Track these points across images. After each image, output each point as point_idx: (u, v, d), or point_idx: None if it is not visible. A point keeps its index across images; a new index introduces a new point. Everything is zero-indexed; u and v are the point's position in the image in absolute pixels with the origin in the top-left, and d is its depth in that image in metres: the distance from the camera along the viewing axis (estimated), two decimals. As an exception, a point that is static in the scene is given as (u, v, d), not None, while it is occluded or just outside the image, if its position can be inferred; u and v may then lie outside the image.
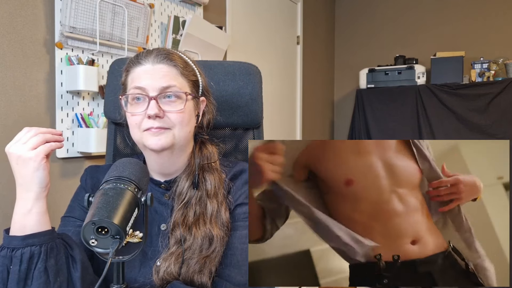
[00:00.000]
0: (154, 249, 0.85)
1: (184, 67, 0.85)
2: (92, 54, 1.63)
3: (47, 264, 0.70)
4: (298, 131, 3.40)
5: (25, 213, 0.71)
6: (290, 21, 3.25)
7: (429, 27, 3.51)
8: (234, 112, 1.04)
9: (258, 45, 2.85)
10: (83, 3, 1.53)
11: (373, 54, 3.70)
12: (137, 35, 1.78)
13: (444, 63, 3.12)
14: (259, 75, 1.07)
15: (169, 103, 0.81)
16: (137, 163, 0.72)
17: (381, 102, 3.27)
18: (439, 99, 3.08)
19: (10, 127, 1.39)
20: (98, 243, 0.60)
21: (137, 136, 0.84)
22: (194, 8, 2.20)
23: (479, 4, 3.34)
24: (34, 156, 0.70)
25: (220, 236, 0.83)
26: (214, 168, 0.89)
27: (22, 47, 1.42)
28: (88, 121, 1.59)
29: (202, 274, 0.81)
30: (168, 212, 0.87)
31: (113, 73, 1.06)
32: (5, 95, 1.38)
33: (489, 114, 2.96)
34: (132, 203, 0.64)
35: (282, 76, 3.13)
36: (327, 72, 3.86)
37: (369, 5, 3.77)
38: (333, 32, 3.94)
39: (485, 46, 3.28)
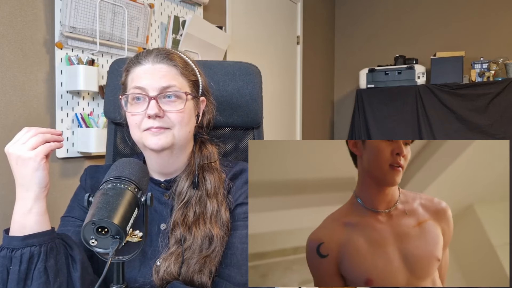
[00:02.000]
0: (154, 249, 0.85)
1: (184, 67, 0.85)
2: (92, 54, 1.63)
3: (47, 264, 0.70)
4: (298, 131, 3.40)
5: (25, 213, 0.71)
6: (290, 21, 3.25)
7: (429, 27, 3.51)
8: (234, 112, 1.04)
9: (258, 45, 2.84)
10: (83, 3, 1.53)
11: (373, 54, 3.70)
12: (137, 35, 1.78)
13: (444, 63, 3.12)
14: (259, 75, 1.07)
15: (169, 103, 0.81)
16: (137, 163, 0.72)
17: (381, 102, 3.27)
18: (439, 99, 3.07)
19: (10, 127, 1.39)
20: (98, 243, 0.60)
21: (137, 136, 0.84)
22: (194, 8, 2.20)
23: (479, 4, 3.34)
24: (34, 156, 0.70)
25: (220, 236, 0.83)
26: (214, 168, 0.89)
27: (22, 47, 1.42)
28: (88, 121, 1.59)
29: (202, 274, 0.80)
30: (168, 212, 0.87)
31: (113, 73, 1.06)
32: (5, 95, 1.38)
33: (489, 114, 2.96)
34: (132, 203, 0.64)
35: (282, 76, 3.13)
36: (327, 72, 3.86)
37: (369, 5, 3.77)
38: (333, 32, 3.94)
39: (485, 46, 3.28)
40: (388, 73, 3.27)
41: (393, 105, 3.22)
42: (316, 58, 3.62)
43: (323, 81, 3.78)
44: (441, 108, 3.08)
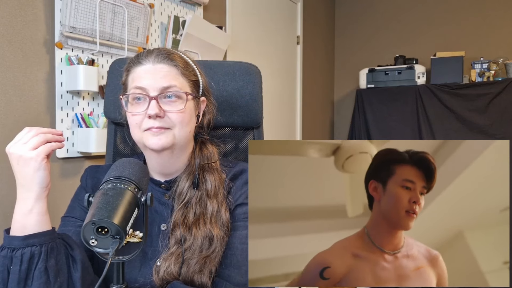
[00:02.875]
0: (154, 249, 0.85)
1: (185, 67, 0.85)
2: (92, 54, 1.63)
3: (47, 264, 0.70)
4: (298, 131, 3.40)
5: (25, 213, 0.71)
6: (290, 21, 3.25)
7: (429, 27, 3.51)
8: (234, 112, 1.04)
9: (258, 45, 2.84)
10: (83, 3, 1.53)
11: (373, 54, 3.70)
12: (137, 35, 1.78)
13: (444, 63, 3.12)
14: (259, 75, 1.07)
15: (170, 103, 0.81)
16: (137, 163, 0.72)
17: (381, 102, 3.27)
18: (439, 99, 3.07)
19: (10, 127, 1.39)
20: (98, 243, 0.60)
21: (137, 136, 0.84)
22: (194, 8, 2.20)
23: (479, 4, 3.34)
24: (35, 156, 0.70)
25: (220, 236, 0.83)
26: (214, 168, 0.89)
27: (22, 47, 1.42)
28: (88, 121, 1.59)
29: (202, 274, 0.81)
30: (168, 212, 0.87)
31: (113, 73, 1.06)
32: (5, 95, 1.38)
33: (489, 114, 2.96)
34: (132, 203, 0.64)
35: (282, 76, 3.13)
36: (327, 72, 3.86)
37: (369, 5, 3.77)
38: (333, 32, 3.94)
39: (485, 46, 3.28)
40: (388, 73, 3.27)
41: (393, 105, 3.22)
42: (316, 58, 3.62)
43: (323, 81, 3.78)
44: (441, 108, 3.08)
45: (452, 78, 3.07)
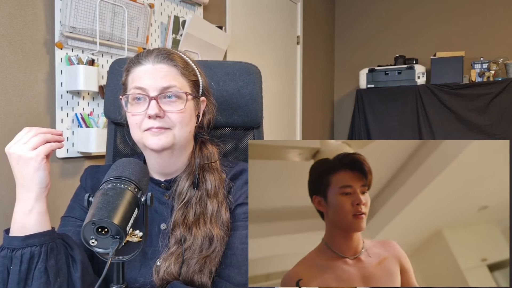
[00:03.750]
0: (154, 249, 0.85)
1: (185, 67, 0.85)
2: (92, 54, 1.63)
3: (47, 264, 0.70)
4: (298, 131, 3.40)
5: (25, 213, 0.71)
6: (290, 21, 3.25)
7: (429, 27, 3.51)
8: (234, 112, 1.04)
9: (258, 45, 2.84)
10: (83, 3, 1.53)
11: (373, 54, 3.70)
12: (137, 35, 1.78)
13: (444, 63, 3.12)
14: (259, 75, 1.07)
15: (170, 103, 0.81)
16: (137, 163, 0.72)
17: (381, 102, 3.27)
18: (439, 99, 3.07)
19: (10, 127, 1.39)
20: (98, 243, 0.60)
21: (137, 136, 0.84)
22: (194, 8, 2.20)
23: (479, 4, 3.34)
24: (35, 156, 0.70)
25: (220, 236, 0.83)
26: (214, 168, 0.89)
27: (22, 47, 1.42)
28: (88, 121, 1.59)
29: (202, 274, 0.81)
30: (168, 212, 0.87)
31: (113, 73, 1.06)
32: (5, 95, 1.38)
33: (489, 114, 2.96)
34: (132, 203, 0.64)
35: (282, 76, 3.13)
36: (327, 72, 3.86)
37: (369, 5, 3.77)
38: (333, 32, 3.94)
39: (485, 46, 3.28)
40: (388, 73, 3.27)
41: (393, 105, 3.22)
42: (316, 58, 3.62)
43: (323, 81, 3.78)
44: (441, 108, 3.08)
45: (452, 78, 3.07)
